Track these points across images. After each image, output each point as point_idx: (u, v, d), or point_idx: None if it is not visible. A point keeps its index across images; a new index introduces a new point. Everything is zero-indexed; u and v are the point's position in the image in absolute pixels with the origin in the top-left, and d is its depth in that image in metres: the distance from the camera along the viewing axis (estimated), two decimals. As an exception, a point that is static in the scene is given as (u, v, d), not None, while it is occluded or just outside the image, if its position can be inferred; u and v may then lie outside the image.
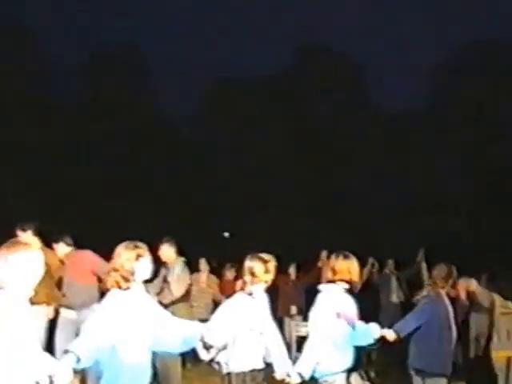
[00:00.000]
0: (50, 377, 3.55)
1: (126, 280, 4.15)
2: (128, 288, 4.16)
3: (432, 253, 9.79)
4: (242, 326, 4.77)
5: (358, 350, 5.18)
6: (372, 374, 8.08)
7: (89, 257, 7.20)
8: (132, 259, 4.17)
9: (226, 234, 25.20)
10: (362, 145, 26.67)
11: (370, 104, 28.27)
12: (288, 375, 4.93)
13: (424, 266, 9.50)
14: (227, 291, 10.09)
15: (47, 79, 26.82)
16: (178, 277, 7.35)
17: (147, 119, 26.86)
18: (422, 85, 28.41)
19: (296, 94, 27.18)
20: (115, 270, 4.17)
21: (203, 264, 10.72)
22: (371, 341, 5.19)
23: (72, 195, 23.94)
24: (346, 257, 5.21)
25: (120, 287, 4.14)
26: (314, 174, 26.32)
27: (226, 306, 4.94)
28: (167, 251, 7.39)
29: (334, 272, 5.16)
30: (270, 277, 4.83)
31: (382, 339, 5.58)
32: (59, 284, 7.27)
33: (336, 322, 4.99)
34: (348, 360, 5.08)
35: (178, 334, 4.29)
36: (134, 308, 4.15)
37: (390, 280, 11.38)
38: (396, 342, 5.76)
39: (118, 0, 32.52)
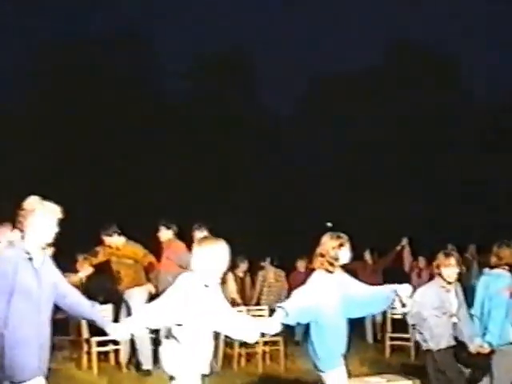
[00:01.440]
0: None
1: (331, 264, 5.15)
2: (332, 272, 5.17)
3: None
4: None
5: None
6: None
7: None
8: (336, 247, 5.13)
9: (329, 224, 25.64)
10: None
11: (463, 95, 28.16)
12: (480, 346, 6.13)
13: None
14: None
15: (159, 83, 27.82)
16: None
17: (250, 118, 27.76)
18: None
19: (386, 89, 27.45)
20: (322, 255, 5.17)
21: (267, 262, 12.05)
22: None
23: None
24: (508, 245, 6.31)
25: (327, 270, 5.16)
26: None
27: None
28: None
29: (500, 258, 6.28)
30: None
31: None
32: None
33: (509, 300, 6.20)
34: None
35: (372, 298, 5.30)
36: (335, 286, 5.16)
37: (471, 265, 12.00)
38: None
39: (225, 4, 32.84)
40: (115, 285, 9.36)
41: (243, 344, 9.78)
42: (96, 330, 8.12)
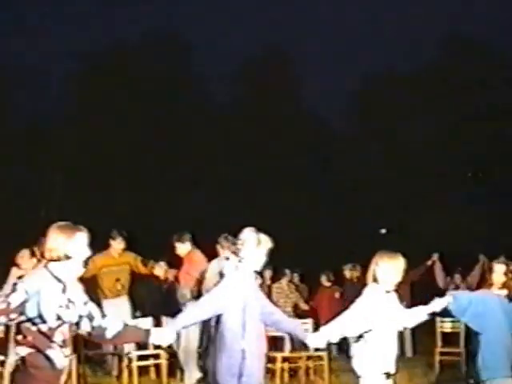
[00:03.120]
0: None
1: None
2: None
3: None
4: None
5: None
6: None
7: None
8: None
9: (383, 231, 25.45)
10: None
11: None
12: None
13: None
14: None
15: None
16: None
17: (298, 119, 27.46)
18: None
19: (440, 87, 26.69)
20: None
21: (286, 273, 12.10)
22: None
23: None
24: None
25: None
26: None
27: None
28: None
29: None
30: None
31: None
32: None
33: None
34: None
35: None
36: None
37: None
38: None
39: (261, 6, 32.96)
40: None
41: (286, 359, 9.65)
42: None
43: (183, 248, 9.08)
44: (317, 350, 8.99)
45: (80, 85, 27.26)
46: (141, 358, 8.93)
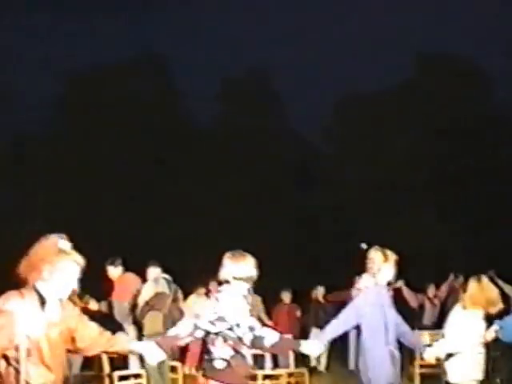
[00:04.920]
0: None
1: None
2: None
3: None
4: None
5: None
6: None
7: None
8: None
9: (364, 246, 25.06)
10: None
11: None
12: None
13: None
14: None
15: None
16: None
17: (277, 136, 27.74)
18: None
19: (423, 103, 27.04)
20: None
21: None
22: None
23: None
24: None
25: None
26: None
27: None
28: None
29: None
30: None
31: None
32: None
33: None
34: None
35: None
36: None
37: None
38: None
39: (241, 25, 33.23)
40: None
41: (268, 376, 9.78)
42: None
43: (115, 272, 9.45)
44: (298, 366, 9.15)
45: (64, 107, 27.55)
46: (122, 378, 9.00)
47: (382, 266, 5.86)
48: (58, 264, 4.10)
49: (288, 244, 25.53)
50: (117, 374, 8.94)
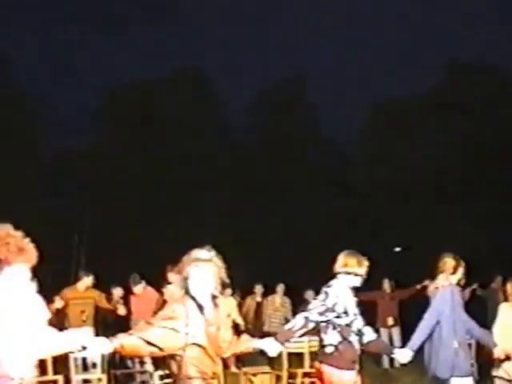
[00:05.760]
0: None
1: None
2: None
3: None
4: None
5: None
6: None
7: None
8: None
9: (398, 249, 26.29)
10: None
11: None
12: None
13: None
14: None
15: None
16: None
17: (314, 148, 28.37)
18: None
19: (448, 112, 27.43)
20: None
21: (279, 287, 13.01)
22: None
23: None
24: None
25: None
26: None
27: None
28: None
29: None
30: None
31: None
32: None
33: None
34: None
35: None
36: None
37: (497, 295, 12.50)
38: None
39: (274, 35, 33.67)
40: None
41: (307, 374, 10.33)
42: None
43: (138, 287, 10.88)
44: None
45: (106, 120, 28.30)
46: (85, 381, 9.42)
47: (454, 269, 6.53)
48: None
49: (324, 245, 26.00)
50: (80, 377, 9.34)
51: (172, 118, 26.97)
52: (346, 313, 5.55)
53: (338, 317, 5.54)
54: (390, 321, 12.79)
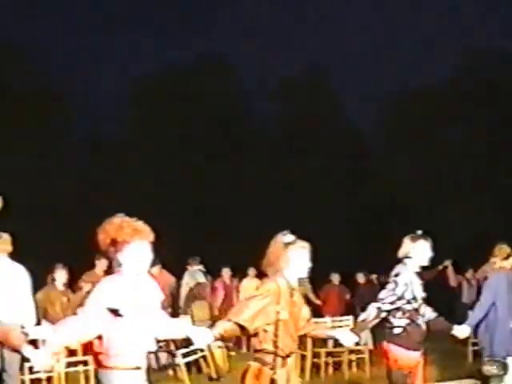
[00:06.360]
0: None
1: None
2: None
3: None
4: None
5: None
6: None
7: None
8: None
9: (419, 232, 25.82)
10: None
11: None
12: None
13: None
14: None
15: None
16: None
17: (338, 136, 28.31)
18: None
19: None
20: None
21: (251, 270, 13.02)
22: None
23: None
24: None
25: None
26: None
27: None
28: None
29: None
30: None
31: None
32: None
33: None
34: None
35: None
36: None
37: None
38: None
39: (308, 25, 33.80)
40: None
41: (330, 353, 10.62)
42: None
43: (155, 268, 10.67)
44: (357, 343, 9.90)
45: (133, 109, 28.63)
46: (70, 364, 9.17)
47: (508, 255, 7.04)
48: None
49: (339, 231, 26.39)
50: (64, 360, 8.95)
51: (196, 105, 27.17)
52: (414, 298, 5.79)
53: (407, 303, 5.77)
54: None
